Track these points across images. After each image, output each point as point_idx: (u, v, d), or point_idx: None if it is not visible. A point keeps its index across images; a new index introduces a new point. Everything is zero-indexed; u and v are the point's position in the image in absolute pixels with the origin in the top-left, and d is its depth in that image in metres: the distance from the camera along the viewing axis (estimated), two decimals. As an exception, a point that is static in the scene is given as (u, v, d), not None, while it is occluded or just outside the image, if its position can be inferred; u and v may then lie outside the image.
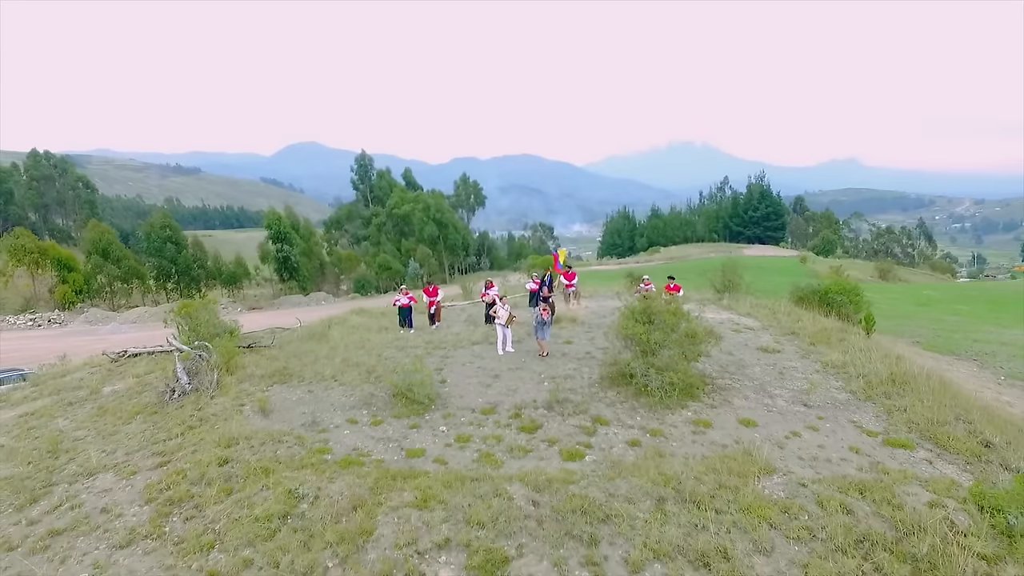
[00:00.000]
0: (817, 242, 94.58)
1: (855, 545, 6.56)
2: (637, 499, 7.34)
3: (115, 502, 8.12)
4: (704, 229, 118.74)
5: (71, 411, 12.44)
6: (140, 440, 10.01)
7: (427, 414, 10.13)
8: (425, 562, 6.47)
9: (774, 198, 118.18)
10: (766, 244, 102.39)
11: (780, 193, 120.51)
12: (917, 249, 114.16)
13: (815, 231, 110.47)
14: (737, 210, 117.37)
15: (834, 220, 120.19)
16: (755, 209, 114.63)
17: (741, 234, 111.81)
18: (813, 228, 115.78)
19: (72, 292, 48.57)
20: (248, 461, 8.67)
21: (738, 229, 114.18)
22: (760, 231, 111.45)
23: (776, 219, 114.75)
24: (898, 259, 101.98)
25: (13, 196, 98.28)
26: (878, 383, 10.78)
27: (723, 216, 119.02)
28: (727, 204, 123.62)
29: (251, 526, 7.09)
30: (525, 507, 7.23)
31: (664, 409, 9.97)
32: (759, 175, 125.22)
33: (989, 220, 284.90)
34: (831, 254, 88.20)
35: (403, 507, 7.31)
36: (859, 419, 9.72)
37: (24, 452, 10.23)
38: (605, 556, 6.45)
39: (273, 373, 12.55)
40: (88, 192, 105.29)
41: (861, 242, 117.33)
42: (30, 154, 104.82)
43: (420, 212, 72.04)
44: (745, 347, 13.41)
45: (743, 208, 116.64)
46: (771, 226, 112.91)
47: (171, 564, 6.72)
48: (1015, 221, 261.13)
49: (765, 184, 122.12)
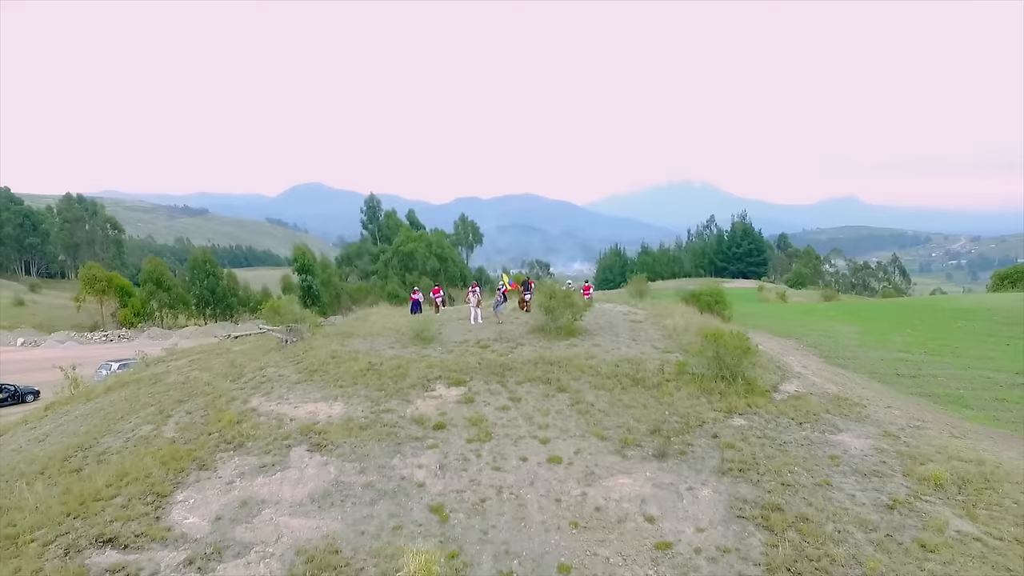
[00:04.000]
0: (791, 276, 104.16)
1: (620, 376, 15.96)
2: (525, 364, 16.78)
3: (283, 375, 17.52)
4: (691, 265, 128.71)
5: (219, 358, 21.81)
6: (279, 357, 19.42)
7: (431, 345, 19.54)
8: (431, 384, 15.87)
9: (756, 235, 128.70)
10: (749, 279, 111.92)
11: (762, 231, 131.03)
12: (893, 283, 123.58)
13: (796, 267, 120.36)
14: (722, 247, 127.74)
15: (814, 256, 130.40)
16: (738, 246, 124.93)
17: (726, 269, 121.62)
18: (794, 264, 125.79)
19: (132, 314, 58.51)
20: (343, 357, 18.12)
21: (723, 265, 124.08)
22: (743, 266, 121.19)
23: (758, 255, 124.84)
24: (873, 291, 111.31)
25: (48, 236, 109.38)
26: (675, 330, 20.26)
27: (709, 252, 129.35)
28: (713, 241, 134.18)
29: (353, 373, 16.53)
30: (476, 365, 16.67)
31: (555, 341, 19.40)
32: (742, 214, 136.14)
33: (985, 257, 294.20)
34: (804, 286, 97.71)
35: (421, 367, 16.75)
36: (656, 343, 19.15)
37: (215, 367, 19.62)
38: (508, 380, 15.86)
39: (341, 333, 22.02)
40: (116, 233, 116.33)
41: (840, 276, 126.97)
42: (64, 198, 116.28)
43: (423, 248, 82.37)
44: (623, 319, 22.85)
45: (727, 245, 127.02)
46: (753, 262, 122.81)
47: (317, 389, 16.14)
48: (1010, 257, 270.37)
49: (748, 223, 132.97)
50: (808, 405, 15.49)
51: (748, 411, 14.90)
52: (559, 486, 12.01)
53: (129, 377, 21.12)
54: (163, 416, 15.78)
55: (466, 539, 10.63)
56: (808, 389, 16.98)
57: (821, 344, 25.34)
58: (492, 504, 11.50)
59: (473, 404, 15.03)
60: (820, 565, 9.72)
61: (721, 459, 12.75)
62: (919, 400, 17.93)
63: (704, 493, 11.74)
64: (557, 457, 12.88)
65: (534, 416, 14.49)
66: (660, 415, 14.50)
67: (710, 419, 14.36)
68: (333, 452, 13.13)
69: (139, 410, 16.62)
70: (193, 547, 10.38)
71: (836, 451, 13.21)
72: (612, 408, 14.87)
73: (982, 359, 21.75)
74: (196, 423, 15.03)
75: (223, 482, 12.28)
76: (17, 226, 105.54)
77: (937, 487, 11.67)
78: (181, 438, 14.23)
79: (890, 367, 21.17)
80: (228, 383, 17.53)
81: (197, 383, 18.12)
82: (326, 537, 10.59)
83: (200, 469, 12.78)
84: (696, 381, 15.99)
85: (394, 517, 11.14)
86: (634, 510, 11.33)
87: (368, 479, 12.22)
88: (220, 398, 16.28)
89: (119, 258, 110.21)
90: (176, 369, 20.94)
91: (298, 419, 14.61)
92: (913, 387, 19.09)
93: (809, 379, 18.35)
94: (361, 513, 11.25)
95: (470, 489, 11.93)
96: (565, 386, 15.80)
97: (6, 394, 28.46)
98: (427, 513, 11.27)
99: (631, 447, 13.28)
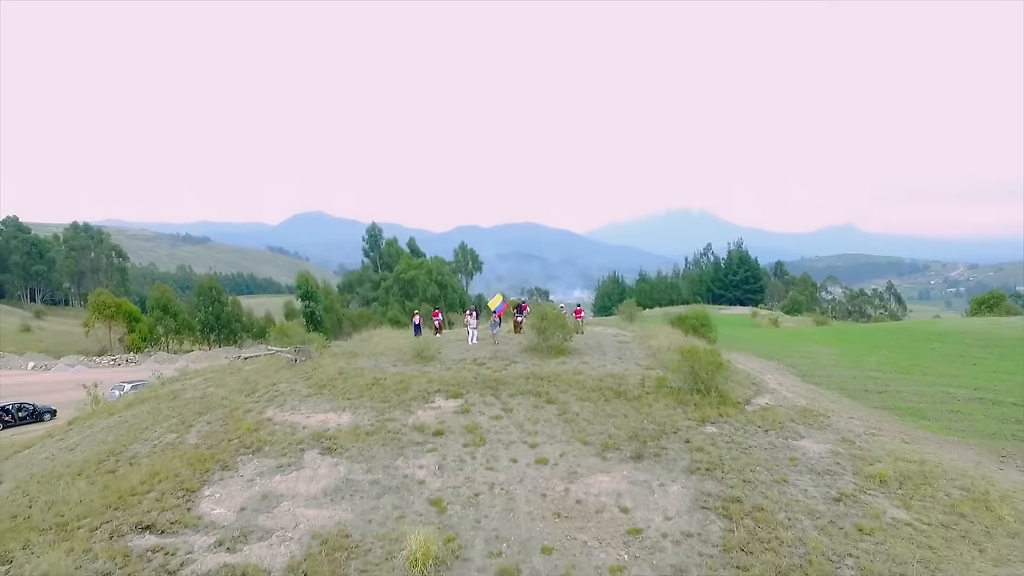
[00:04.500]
0: (786, 302, 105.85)
1: (604, 390, 17.56)
2: (517, 379, 18.39)
3: (294, 389, 19.09)
4: (688, 292, 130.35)
5: (232, 376, 23.38)
6: (290, 375, 21.00)
7: (431, 363, 21.13)
8: (430, 396, 17.45)
9: (752, 263, 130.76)
10: (746, 305, 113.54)
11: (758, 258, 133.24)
12: (888, 310, 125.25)
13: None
14: (718, 274, 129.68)
15: (811, 284, 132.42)
16: (735, 273, 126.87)
17: (723, 296, 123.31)
18: (791, 291, 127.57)
19: (139, 339, 60.16)
20: (350, 373, 19.72)
21: (720, 292, 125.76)
22: (740, 293, 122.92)
23: (755, 282, 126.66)
24: (868, 318, 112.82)
25: (55, 264, 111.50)
26: (658, 350, 21.89)
27: (706, 280, 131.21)
28: (709, 269, 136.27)
29: (360, 387, 18.12)
30: (472, 380, 18.28)
31: (547, 359, 21.01)
32: (738, 242, 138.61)
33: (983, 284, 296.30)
34: (800, 313, 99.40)
35: (421, 382, 18.36)
36: (640, 360, 20.76)
37: (229, 384, 21.18)
38: (501, 393, 17.46)
39: (347, 352, 23.63)
40: (120, 261, 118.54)
41: (837, 303, 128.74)
42: (70, 226, 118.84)
43: (424, 276, 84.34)
44: (612, 340, 24.48)
45: (724, 272, 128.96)
46: (750, 289, 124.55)
47: (326, 401, 17.71)
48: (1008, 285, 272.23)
49: (744, 250, 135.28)
50: (776, 415, 17.03)
51: (720, 420, 16.45)
52: (544, 483, 13.51)
53: (148, 393, 22.67)
54: (185, 426, 17.31)
55: (461, 526, 12.10)
56: (779, 402, 18.54)
57: (800, 364, 26.90)
58: (485, 498, 13.00)
59: (469, 414, 16.58)
60: (770, 546, 11.19)
61: (691, 460, 14.26)
62: (882, 412, 19.44)
63: (673, 488, 13.25)
64: (544, 459, 14.40)
65: (524, 424, 16.03)
66: (638, 423, 16.04)
67: (684, 427, 15.90)
68: (343, 455, 14.66)
69: (162, 421, 18.15)
70: (222, 532, 11.87)
71: (796, 454, 14.74)
72: (595, 417, 16.42)
73: (947, 377, 23.28)
74: (216, 431, 16.56)
75: (244, 480, 13.80)
76: (24, 254, 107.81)
77: (881, 483, 13.18)
78: (204, 444, 15.76)
79: (860, 384, 22.70)
80: (243, 397, 19.09)
81: (214, 398, 19.67)
82: (338, 524, 12.07)
83: (223, 469, 14.29)
84: (673, 394, 17.57)
85: (397, 508, 12.63)
86: (610, 503, 12.82)
87: (374, 477, 13.73)
88: (237, 410, 17.83)
89: (123, 285, 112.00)
90: (192, 386, 22.49)
91: (310, 427, 16.16)
92: (878, 401, 20.60)
93: (782, 394, 19.91)
94: (368, 505, 12.75)
95: (465, 485, 13.44)
96: (553, 398, 17.37)
97: (25, 412, 29.99)
98: (427, 505, 12.76)
99: (611, 450, 14.80)
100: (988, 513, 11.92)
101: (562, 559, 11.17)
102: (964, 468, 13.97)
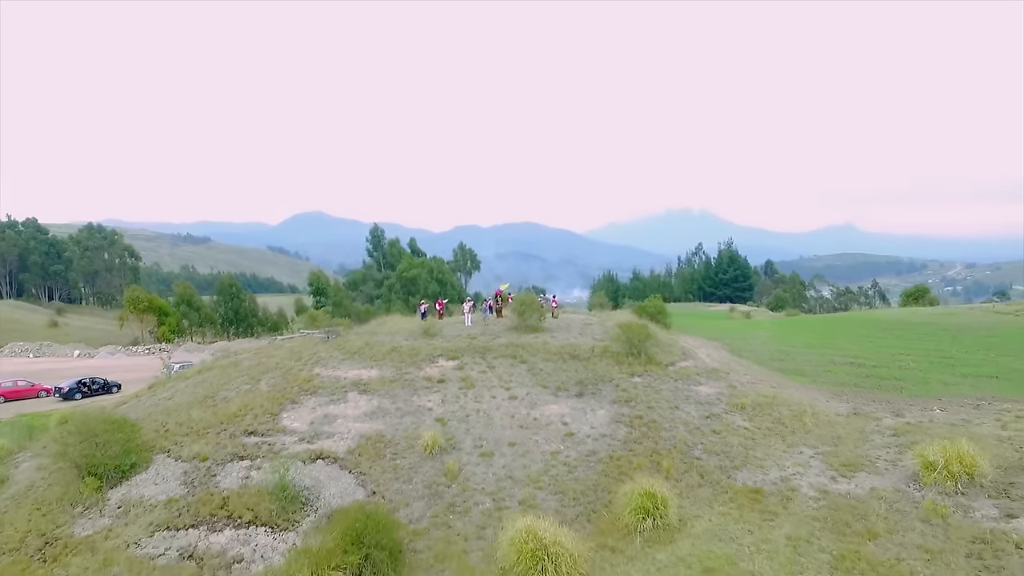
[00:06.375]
0: (771, 299, 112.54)
1: (563, 354, 24.23)
2: (500, 347, 25.06)
3: (332, 356, 25.73)
4: (680, 290, 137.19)
5: (278, 351, 29.95)
6: (325, 347, 27.62)
7: (435, 338, 27.73)
8: (435, 359, 24.11)
9: (742, 262, 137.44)
10: (736, 303, 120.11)
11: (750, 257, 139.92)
12: (874, 307, 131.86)
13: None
14: (709, 273, 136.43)
15: (799, 282, 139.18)
16: (724, 272, 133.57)
17: (713, 294, 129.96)
18: (780, 289, 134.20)
19: (168, 331, 67.07)
20: (373, 344, 26.38)
21: (710, 290, 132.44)
22: (729, 291, 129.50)
23: (744, 281, 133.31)
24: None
25: (71, 264, 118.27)
26: (612, 328, 28.55)
27: (697, 278, 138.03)
28: (701, 268, 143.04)
29: (382, 353, 24.79)
30: (466, 348, 24.96)
31: (524, 335, 27.64)
32: (728, 242, 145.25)
33: (980, 283, 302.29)
34: (783, 309, 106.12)
35: (428, 349, 25.04)
36: (596, 336, 27.41)
37: (278, 355, 27.79)
38: (487, 356, 24.14)
39: (368, 332, 30.26)
40: (132, 260, 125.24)
41: (823, 301, 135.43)
42: (84, 227, 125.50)
43: (425, 274, 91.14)
44: (579, 322, 31.11)
45: (714, 271, 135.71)
46: (739, 287, 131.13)
47: (358, 363, 24.39)
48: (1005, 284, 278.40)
49: (734, 250, 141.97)
50: (688, 372, 23.68)
51: (645, 374, 23.10)
52: (513, 409, 20.18)
53: (213, 363, 29.33)
54: (255, 381, 23.95)
55: (456, 432, 18.78)
56: (696, 365, 25.16)
57: (735, 343, 33.40)
58: (472, 418, 19.67)
59: (463, 369, 23.23)
60: (653, 440, 17.86)
61: (616, 396, 20.93)
62: (775, 373, 26.04)
63: (600, 412, 19.92)
64: (515, 396, 21.06)
65: (503, 376, 22.69)
66: (584, 374, 22.70)
67: (616, 377, 22.56)
68: (375, 394, 21.33)
69: (234, 379, 24.79)
70: (301, 434, 18.55)
71: (691, 394, 21.41)
72: (554, 371, 23.08)
73: (840, 350, 29.77)
74: (280, 383, 23.21)
75: (308, 408, 20.47)
76: (43, 254, 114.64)
77: (740, 409, 19.85)
78: (274, 389, 22.42)
79: (770, 355, 29.21)
80: (294, 362, 25.75)
81: (270, 363, 26.32)
82: (376, 431, 18.77)
83: (292, 403, 20.96)
84: (613, 356, 24.21)
85: (414, 423, 19.31)
86: (556, 420, 19.49)
87: (397, 406, 20.41)
88: (291, 370, 24.47)
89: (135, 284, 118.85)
90: (246, 358, 29.15)
91: (349, 378, 22.82)
92: (778, 366, 27.15)
93: (702, 360, 26.53)
94: (395, 421, 19.42)
95: (460, 411, 20.12)
96: (525, 360, 24.01)
97: (98, 385, 36.77)
98: (434, 422, 19.43)
99: (561, 391, 21.47)
100: (799, 422, 18.57)
101: (521, 447, 17.87)
102: (800, 400, 20.62)
